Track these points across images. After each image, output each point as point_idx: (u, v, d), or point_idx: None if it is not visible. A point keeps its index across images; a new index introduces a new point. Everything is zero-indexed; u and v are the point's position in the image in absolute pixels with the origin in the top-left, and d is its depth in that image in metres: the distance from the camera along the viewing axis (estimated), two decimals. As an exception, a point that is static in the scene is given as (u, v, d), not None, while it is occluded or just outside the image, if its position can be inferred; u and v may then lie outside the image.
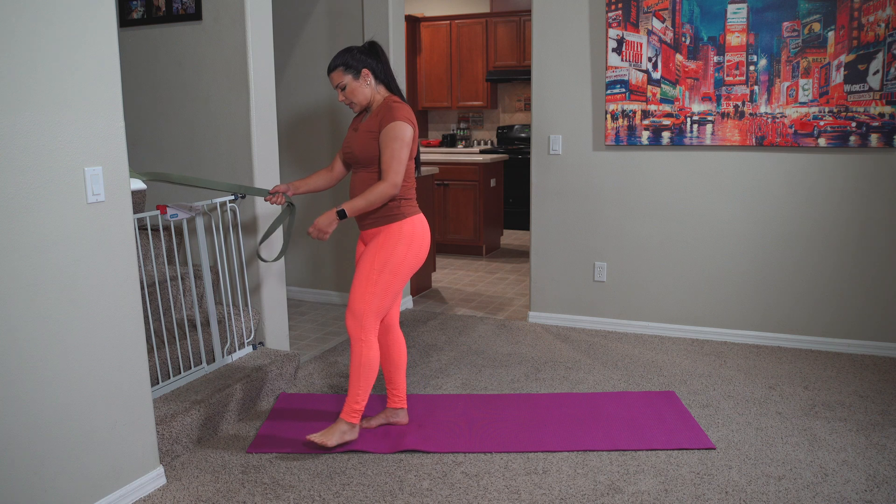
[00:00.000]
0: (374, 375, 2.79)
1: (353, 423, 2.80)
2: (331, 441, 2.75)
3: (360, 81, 2.77)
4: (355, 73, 2.75)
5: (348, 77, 2.75)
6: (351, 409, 2.79)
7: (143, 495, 2.50)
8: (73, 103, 2.19)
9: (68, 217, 2.19)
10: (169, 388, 3.00)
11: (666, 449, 2.79)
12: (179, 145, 3.60)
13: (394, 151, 2.67)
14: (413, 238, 2.79)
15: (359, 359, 2.76)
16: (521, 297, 5.20)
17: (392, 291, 2.79)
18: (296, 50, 4.85)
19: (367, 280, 2.75)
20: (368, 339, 2.76)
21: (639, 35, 3.97)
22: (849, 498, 2.43)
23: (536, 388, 3.45)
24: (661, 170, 4.09)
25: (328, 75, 2.80)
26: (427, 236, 2.85)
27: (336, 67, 2.76)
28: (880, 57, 3.56)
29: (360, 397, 2.78)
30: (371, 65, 2.77)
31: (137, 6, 3.58)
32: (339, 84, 2.77)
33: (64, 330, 2.20)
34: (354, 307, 2.76)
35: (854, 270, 3.82)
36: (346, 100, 2.80)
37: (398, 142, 2.67)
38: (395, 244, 2.76)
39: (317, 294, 5.10)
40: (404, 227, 2.78)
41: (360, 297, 2.75)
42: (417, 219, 2.82)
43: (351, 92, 2.77)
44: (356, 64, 2.75)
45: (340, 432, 2.78)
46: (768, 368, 3.65)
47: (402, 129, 2.67)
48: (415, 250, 2.80)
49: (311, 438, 2.75)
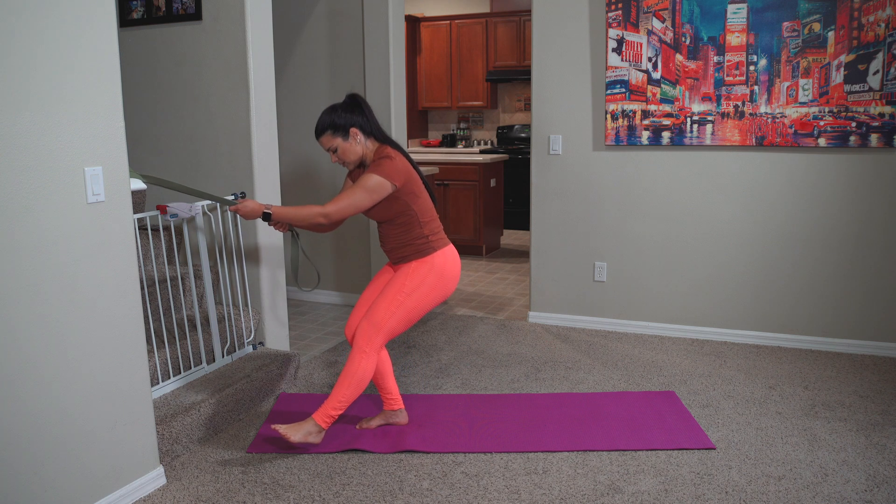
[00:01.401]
0: (362, 389, 2.76)
1: (322, 427, 2.74)
2: (294, 437, 2.69)
3: (350, 141, 2.77)
4: (344, 133, 2.76)
5: (338, 139, 2.77)
6: (326, 414, 2.74)
7: (143, 495, 2.50)
8: (73, 103, 2.19)
9: (68, 217, 2.19)
10: (169, 388, 3.00)
11: (666, 449, 2.79)
12: (179, 145, 3.61)
13: (353, 194, 2.69)
14: (444, 270, 2.83)
15: (355, 369, 2.74)
16: (521, 297, 5.20)
17: (411, 319, 2.81)
18: (296, 50, 4.85)
19: (393, 300, 2.76)
20: (371, 354, 2.75)
21: (639, 35, 3.97)
22: (849, 498, 2.43)
23: (536, 388, 3.45)
24: (661, 170, 4.09)
25: (317, 139, 2.81)
26: (457, 269, 2.88)
27: (324, 131, 2.77)
28: (880, 57, 3.57)
29: (340, 405, 2.74)
30: (357, 121, 2.77)
31: (137, 6, 3.58)
32: (330, 147, 2.78)
33: (64, 330, 2.20)
34: (375, 319, 2.75)
35: (854, 270, 3.82)
36: (339, 160, 2.81)
37: (363, 191, 2.69)
38: (427, 274, 2.79)
39: (317, 294, 5.10)
40: (436, 259, 2.81)
41: (383, 313, 2.75)
42: (448, 251, 2.86)
43: (343, 153, 2.79)
44: (343, 124, 2.76)
45: (306, 431, 2.72)
46: (768, 368, 3.65)
47: (377, 183, 2.68)
48: (444, 282, 2.83)
49: (277, 428, 2.71)
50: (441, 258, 2.82)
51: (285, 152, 4.96)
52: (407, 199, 2.76)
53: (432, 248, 2.81)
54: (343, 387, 2.74)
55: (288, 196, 4.96)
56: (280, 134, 4.93)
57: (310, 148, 4.93)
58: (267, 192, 3.48)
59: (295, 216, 2.72)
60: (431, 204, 2.88)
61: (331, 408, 2.74)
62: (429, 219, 2.83)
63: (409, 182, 2.76)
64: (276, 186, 3.55)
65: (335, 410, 2.75)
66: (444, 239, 2.87)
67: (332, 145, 2.77)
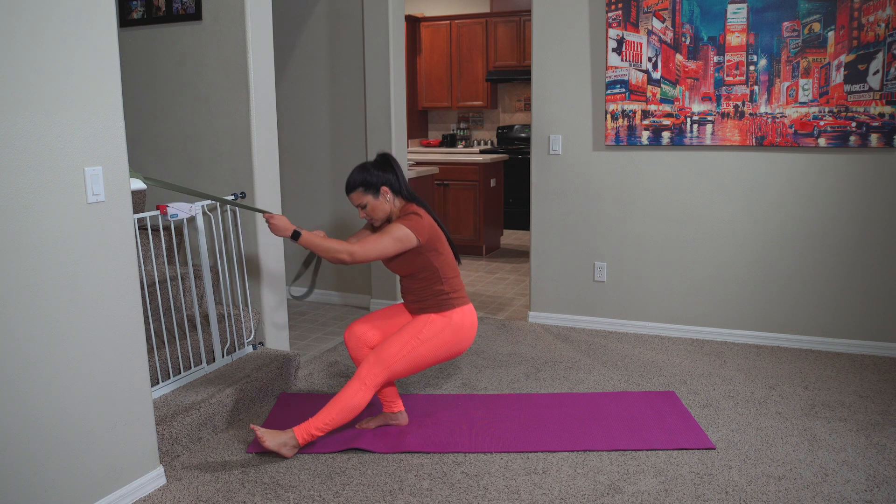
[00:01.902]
0: (349, 420, 2.75)
1: (299, 442, 2.71)
2: (268, 443, 2.67)
3: (380, 199, 2.83)
4: (375, 191, 2.81)
5: (368, 196, 2.82)
6: (307, 431, 2.71)
7: (143, 495, 2.50)
8: (73, 103, 2.19)
9: (68, 217, 2.19)
10: (169, 388, 3.00)
11: (666, 449, 2.79)
12: (179, 145, 3.60)
13: (380, 239, 2.73)
14: (461, 328, 2.86)
15: (349, 397, 2.72)
16: (521, 297, 5.20)
17: (418, 366, 2.83)
18: (296, 50, 4.85)
19: (406, 344, 2.78)
20: (369, 389, 2.74)
21: (639, 35, 3.97)
22: (849, 498, 2.43)
23: (536, 388, 3.45)
24: (661, 170, 4.09)
25: (347, 195, 2.85)
26: (474, 329, 2.92)
27: (356, 188, 2.82)
28: (880, 57, 3.56)
29: (324, 427, 2.72)
30: (388, 180, 2.83)
31: (137, 6, 3.58)
32: (360, 204, 2.83)
33: (64, 330, 2.20)
34: (384, 356, 2.76)
35: (854, 271, 3.82)
36: (367, 217, 2.86)
37: (390, 238, 2.73)
38: (443, 328, 2.83)
39: (317, 294, 5.10)
40: (454, 315, 2.85)
41: (395, 353, 2.77)
42: (467, 309, 2.89)
43: (372, 209, 2.84)
44: (375, 181, 2.81)
45: (282, 443, 2.69)
46: (768, 368, 3.65)
47: (403, 234, 2.74)
48: (459, 339, 2.86)
49: (255, 428, 2.68)
50: (459, 316, 2.86)
51: (285, 152, 4.96)
52: (429, 255, 2.82)
53: (452, 305, 2.86)
54: (332, 411, 2.72)
55: (288, 196, 4.96)
56: (280, 134, 4.92)
57: (309, 148, 4.93)
58: (267, 192, 3.48)
59: (320, 246, 2.74)
60: (454, 261, 2.93)
61: (314, 427, 2.72)
62: (451, 276, 2.88)
63: (433, 239, 2.82)
64: (276, 186, 3.55)
65: (318, 431, 2.73)
66: (465, 298, 2.92)
67: (362, 202, 2.82)
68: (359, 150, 4.75)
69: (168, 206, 2.95)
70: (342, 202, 4.87)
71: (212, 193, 3.48)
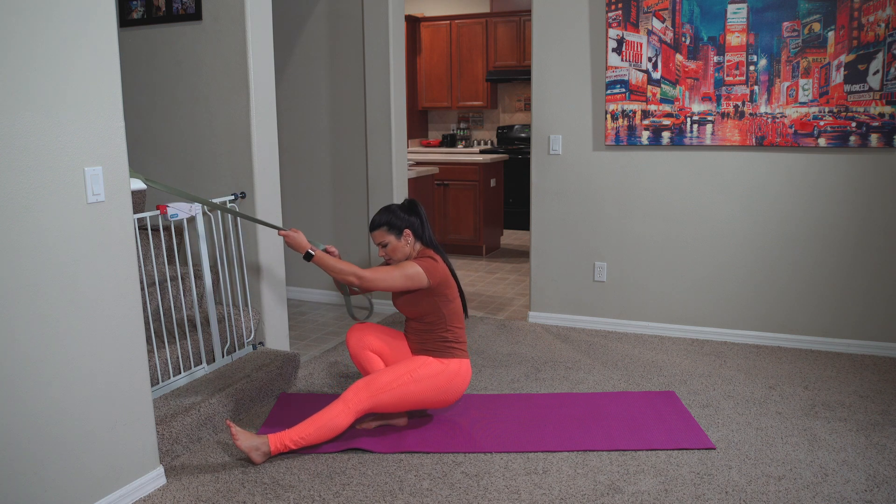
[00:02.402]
0: (326, 439, 2.73)
1: (271, 451, 2.67)
2: (241, 443, 2.65)
3: (402, 241, 2.88)
4: (398, 233, 2.87)
5: (391, 237, 2.87)
6: (281, 442, 2.68)
7: (143, 495, 2.50)
8: (73, 103, 2.19)
9: (68, 217, 2.19)
10: (169, 388, 3.00)
11: (666, 449, 2.79)
12: (179, 145, 3.60)
13: (392, 273, 2.79)
14: (456, 377, 2.88)
15: (331, 417, 2.70)
16: (521, 297, 5.20)
17: (405, 403, 2.82)
18: (296, 50, 4.85)
19: (399, 377, 2.79)
20: (351, 414, 2.72)
21: (639, 35, 3.97)
22: (849, 498, 2.43)
23: (536, 388, 3.45)
24: (661, 170, 4.09)
25: (370, 233, 2.91)
26: (466, 383, 2.94)
27: (380, 226, 2.87)
28: (880, 57, 3.56)
29: (300, 441, 2.69)
30: (412, 223, 2.89)
31: (137, 6, 3.58)
32: (382, 242, 2.88)
33: (64, 330, 2.20)
34: (374, 385, 2.75)
35: (854, 270, 3.82)
36: (387, 255, 2.90)
37: (402, 274, 2.79)
38: (440, 372, 2.84)
39: (317, 294, 5.10)
40: (452, 364, 2.88)
41: (386, 383, 2.77)
42: (465, 363, 2.93)
43: (392, 250, 2.88)
44: (399, 224, 2.87)
45: (254, 447, 2.66)
46: (768, 368, 3.65)
47: (416, 272, 2.79)
48: (451, 388, 2.88)
49: (231, 425, 2.65)
50: (457, 365, 2.89)
51: (285, 152, 4.96)
52: (438, 300, 2.85)
53: (452, 354, 2.89)
54: (311, 427, 2.70)
55: (288, 196, 4.96)
56: (280, 134, 4.92)
57: (309, 148, 4.93)
58: (267, 193, 3.48)
59: (332, 267, 2.79)
60: (462, 314, 2.96)
61: (289, 439, 2.69)
62: (456, 326, 2.91)
63: (444, 285, 2.86)
64: (276, 186, 3.55)
65: (292, 444, 2.70)
66: (465, 351, 2.95)
67: (384, 240, 2.88)
68: (359, 150, 4.75)
69: (168, 207, 2.95)
70: (342, 202, 4.88)
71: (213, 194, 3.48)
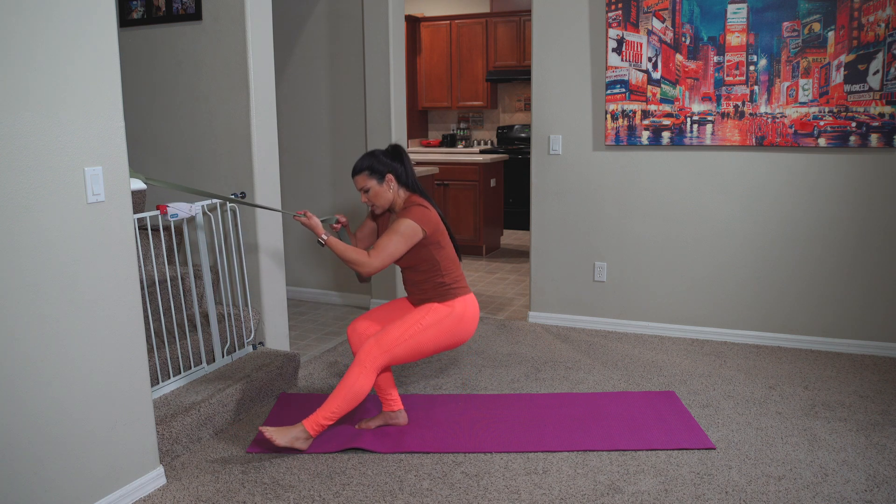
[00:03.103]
0: (355, 405, 2.76)
1: (310, 434, 2.74)
2: (280, 440, 2.69)
3: (384, 186, 2.84)
4: (379, 177, 2.83)
5: (373, 181, 2.83)
6: (316, 422, 2.74)
7: (143, 495, 2.50)
8: (73, 103, 2.19)
9: (68, 217, 2.19)
10: (169, 388, 3.00)
11: (666, 449, 2.79)
12: (179, 145, 3.61)
13: (389, 241, 2.74)
14: (464, 317, 2.87)
15: (352, 383, 2.73)
16: (521, 297, 5.20)
17: (419, 352, 2.83)
18: (296, 50, 4.85)
19: (408, 329, 2.79)
20: (370, 373, 2.75)
21: (639, 35, 3.97)
22: (849, 498, 2.43)
23: (536, 388, 3.45)
24: (661, 170, 4.09)
25: (352, 178, 2.87)
26: (476, 318, 2.92)
27: (361, 171, 2.84)
28: (880, 57, 3.56)
29: (332, 416, 2.74)
30: (395, 168, 2.86)
31: (137, 6, 3.58)
32: (363, 187, 2.84)
33: (64, 330, 2.20)
34: (384, 341, 2.76)
35: (854, 270, 3.82)
36: (369, 202, 2.87)
37: (398, 236, 2.74)
38: (446, 316, 2.83)
39: (317, 294, 5.10)
40: (456, 305, 2.86)
41: (395, 337, 2.77)
42: (469, 299, 2.90)
43: (374, 195, 2.85)
44: (381, 168, 2.83)
45: (294, 437, 2.72)
46: (768, 368, 3.65)
47: (408, 226, 2.75)
48: (461, 328, 2.87)
49: (263, 430, 2.70)
50: (462, 305, 2.87)
51: (285, 152, 4.96)
52: (431, 248, 2.83)
53: (454, 295, 2.87)
54: (338, 398, 2.74)
55: (288, 196, 4.96)
56: (280, 134, 4.92)
57: (309, 148, 4.93)
58: (267, 193, 3.48)
59: (343, 253, 2.76)
60: (455, 256, 2.93)
61: (322, 417, 2.74)
62: (452, 269, 2.89)
63: (437, 232, 2.83)
64: (276, 186, 3.55)
65: (326, 420, 2.75)
66: (466, 287, 2.92)
67: (365, 185, 2.84)
68: (359, 150, 4.75)
69: (168, 206, 2.95)
70: (342, 202, 4.87)
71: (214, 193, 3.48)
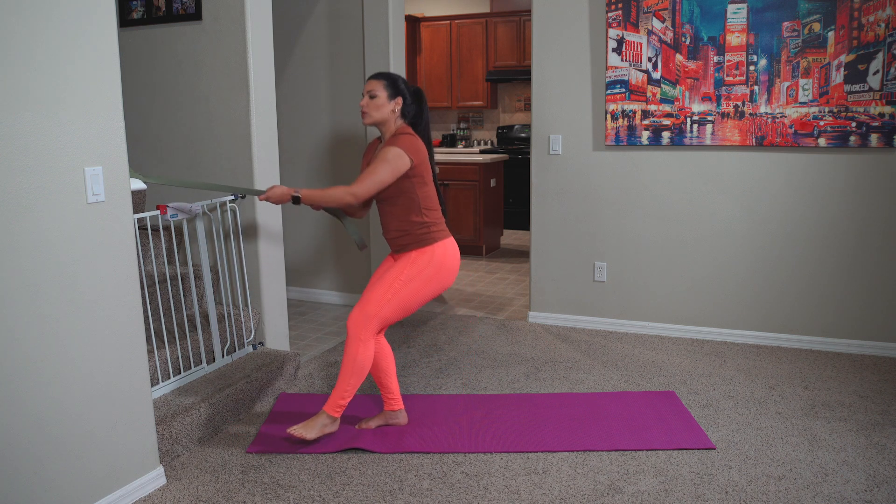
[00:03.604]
0: (364, 375, 2.80)
1: (334, 416, 2.82)
2: (310, 434, 2.77)
3: (391, 104, 2.83)
4: (392, 93, 2.83)
5: (384, 93, 2.82)
6: (335, 404, 2.81)
7: (143, 495, 2.50)
8: (73, 103, 2.19)
9: (68, 217, 2.19)
10: (169, 388, 3.00)
11: (666, 449, 2.79)
12: (179, 145, 3.61)
13: (376, 168, 2.72)
14: (444, 263, 2.85)
15: (353, 356, 2.78)
16: (521, 297, 5.20)
17: (407, 307, 2.83)
18: (296, 50, 4.85)
19: (389, 288, 2.79)
20: (367, 340, 2.78)
21: (639, 35, 3.97)
22: (849, 498, 2.43)
23: (536, 388, 3.45)
24: (661, 170, 4.09)
25: (369, 80, 2.86)
26: (457, 261, 2.91)
27: (381, 78, 2.84)
28: (880, 57, 3.56)
29: (346, 393, 2.80)
30: (407, 100, 2.86)
31: (137, 6, 3.58)
32: (371, 91, 2.82)
33: (64, 330, 2.20)
34: (367, 307, 2.77)
35: (854, 270, 3.82)
36: (365, 107, 2.84)
37: (385, 164, 2.72)
38: (425, 266, 2.82)
39: (317, 294, 5.10)
40: (436, 250, 2.84)
41: (377, 300, 2.78)
42: (448, 243, 2.89)
43: (375, 105, 2.82)
44: (398, 90, 2.83)
45: (321, 425, 2.80)
46: (768, 368, 3.65)
47: (396, 154, 2.73)
48: (443, 274, 2.86)
49: (292, 432, 2.77)
50: (441, 249, 2.85)
51: (285, 152, 4.96)
52: (415, 182, 2.80)
53: (433, 239, 2.84)
54: (346, 375, 2.79)
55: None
56: (280, 134, 4.92)
57: (310, 148, 4.93)
58: (267, 192, 3.48)
59: (322, 198, 2.75)
60: (436, 196, 2.91)
61: (339, 397, 2.80)
62: (431, 208, 2.86)
63: (422, 165, 2.81)
64: (276, 186, 3.55)
65: (343, 399, 2.81)
66: (446, 231, 2.90)
67: (374, 91, 2.81)
68: (359, 149, 4.75)
69: (168, 207, 2.95)
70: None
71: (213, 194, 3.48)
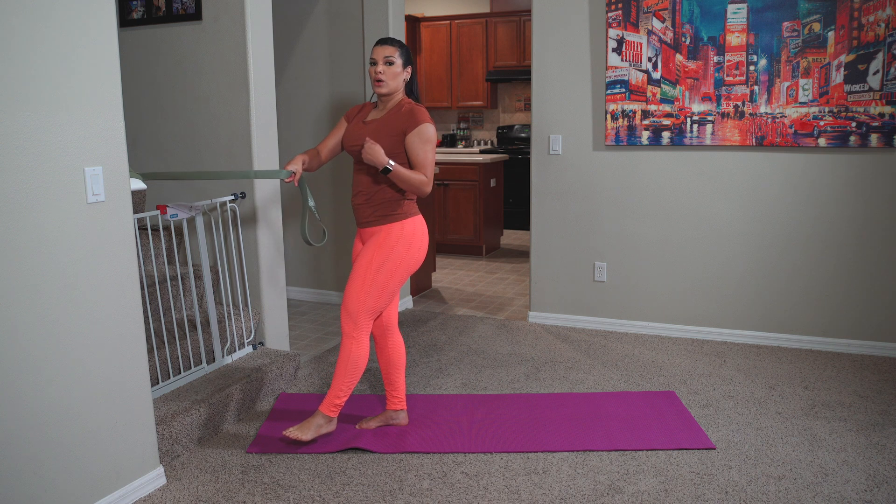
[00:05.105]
0: (360, 374, 2.80)
1: (330, 416, 2.82)
2: (306, 435, 2.75)
3: (403, 72, 2.84)
4: (405, 62, 2.84)
5: (399, 60, 2.82)
6: (331, 403, 2.81)
7: (143, 495, 2.50)
8: (73, 103, 2.19)
9: (68, 217, 2.19)
10: (169, 388, 3.00)
11: (666, 449, 2.79)
12: (179, 145, 3.61)
13: (427, 153, 2.76)
14: (413, 238, 2.81)
15: (347, 355, 2.77)
16: (521, 297, 5.20)
17: (388, 291, 2.80)
18: (296, 50, 4.85)
19: (363, 278, 2.76)
20: (359, 337, 2.77)
21: (639, 35, 3.97)
22: (849, 498, 2.43)
23: (536, 388, 3.45)
24: (661, 170, 4.09)
25: (382, 45, 2.81)
26: (426, 238, 2.88)
27: (396, 47, 2.81)
28: (880, 57, 3.56)
29: (341, 392, 2.80)
30: (414, 74, 2.90)
31: (137, 6, 3.58)
32: (389, 58, 2.79)
33: (64, 330, 2.20)
34: (349, 305, 2.77)
35: (854, 270, 3.82)
36: (383, 75, 2.79)
37: (430, 144, 2.76)
38: (395, 244, 2.78)
39: (317, 294, 5.10)
40: (405, 227, 2.80)
41: (356, 294, 2.76)
42: (418, 220, 2.86)
43: (392, 73, 2.80)
44: (410, 60, 2.87)
45: (317, 426, 2.79)
46: (768, 368, 3.65)
47: (431, 131, 2.77)
48: (414, 251, 2.82)
49: (287, 434, 2.76)
50: (410, 226, 2.82)
51: (285, 152, 4.96)
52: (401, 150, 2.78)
53: (403, 214, 2.81)
54: (341, 375, 2.78)
55: (287, 195, 4.96)
56: (280, 134, 4.93)
57: (309, 148, 4.92)
58: (266, 193, 3.49)
59: (406, 182, 2.73)
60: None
61: (334, 396, 2.80)
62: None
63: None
64: (275, 186, 3.55)
65: (339, 398, 2.80)
66: (416, 207, 2.88)
67: (391, 58, 2.79)
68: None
69: (168, 207, 2.95)
70: (343, 201, 4.87)
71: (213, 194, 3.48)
